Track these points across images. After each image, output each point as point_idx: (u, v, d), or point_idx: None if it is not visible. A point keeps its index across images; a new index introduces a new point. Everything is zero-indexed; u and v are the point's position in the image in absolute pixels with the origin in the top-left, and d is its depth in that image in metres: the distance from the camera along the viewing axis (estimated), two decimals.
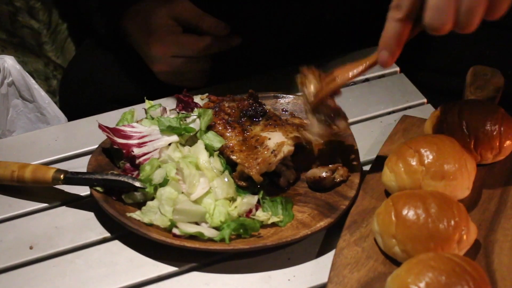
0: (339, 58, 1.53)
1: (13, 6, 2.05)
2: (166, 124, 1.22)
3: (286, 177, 1.21)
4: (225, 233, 1.10)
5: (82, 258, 1.14)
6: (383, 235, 1.05)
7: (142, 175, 1.16)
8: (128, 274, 1.11)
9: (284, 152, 1.18)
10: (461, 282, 0.92)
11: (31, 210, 1.22)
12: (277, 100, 1.36)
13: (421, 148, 1.12)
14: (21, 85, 1.50)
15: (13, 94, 1.51)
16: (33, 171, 1.20)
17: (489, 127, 1.17)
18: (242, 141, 1.22)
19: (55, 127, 1.45)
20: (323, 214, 1.14)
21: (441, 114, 1.21)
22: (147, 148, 1.20)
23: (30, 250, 1.15)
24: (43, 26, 2.10)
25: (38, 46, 2.10)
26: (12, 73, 1.48)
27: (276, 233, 1.12)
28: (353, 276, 1.04)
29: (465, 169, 1.11)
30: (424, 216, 1.02)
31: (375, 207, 1.12)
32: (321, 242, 1.14)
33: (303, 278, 1.09)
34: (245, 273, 1.10)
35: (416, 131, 1.29)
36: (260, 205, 1.17)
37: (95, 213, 1.20)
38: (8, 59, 1.49)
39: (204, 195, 1.14)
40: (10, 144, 1.38)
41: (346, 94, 1.44)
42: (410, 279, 0.94)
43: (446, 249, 1.01)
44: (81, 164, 1.28)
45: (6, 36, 2.03)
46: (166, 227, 1.12)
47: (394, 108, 1.41)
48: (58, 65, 2.02)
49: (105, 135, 1.21)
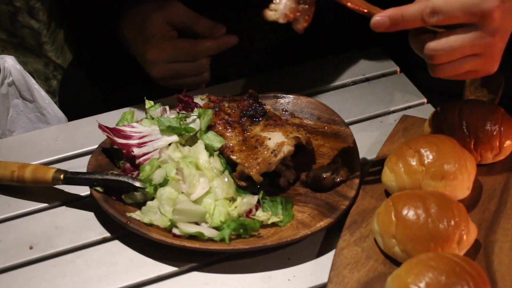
0: (337, 58, 1.53)
1: (13, 6, 2.05)
2: (166, 124, 1.22)
3: (286, 177, 1.21)
4: (225, 233, 1.10)
5: (82, 258, 1.14)
6: (383, 235, 1.05)
7: (142, 175, 1.16)
8: (128, 274, 1.11)
9: (284, 152, 1.18)
10: (461, 282, 0.92)
11: (31, 210, 1.22)
12: (277, 100, 1.36)
13: (421, 148, 1.12)
14: (21, 85, 1.50)
15: (13, 94, 1.51)
16: (33, 171, 1.20)
17: (489, 127, 1.17)
18: (242, 141, 1.22)
19: (55, 127, 1.45)
20: (323, 214, 1.14)
21: (441, 114, 1.21)
22: (147, 148, 1.20)
23: (30, 250, 1.15)
24: (43, 26, 2.10)
25: (38, 46, 2.10)
26: (13, 73, 1.48)
27: (276, 233, 1.12)
28: (353, 276, 1.04)
29: (465, 169, 1.11)
30: (424, 216, 1.02)
31: (375, 207, 1.12)
32: (321, 242, 1.14)
33: (303, 278, 1.09)
34: (245, 273, 1.10)
35: (416, 131, 1.29)
36: (260, 205, 1.17)
37: (95, 213, 1.20)
38: (9, 59, 1.49)
39: (204, 195, 1.14)
40: (10, 144, 1.38)
41: (346, 94, 1.44)
42: (410, 279, 0.94)
43: (446, 249, 1.01)
44: (81, 164, 1.28)
45: (6, 36, 2.03)
46: (166, 227, 1.12)
47: (394, 108, 1.41)
48: (58, 65, 2.03)
49: (105, 135, 1.21)
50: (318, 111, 1.34)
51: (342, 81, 1.48)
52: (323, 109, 1.33)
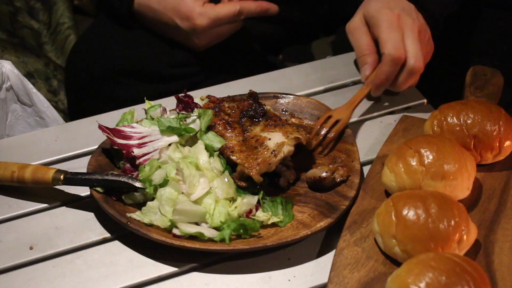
0: (337, 58, 1.54)
1: (13, 6, 2.05)
2: (166, 124, 1.22)
3: (286, 177, 1.21)
4: (225, 234, 1.10)
5: (82, 258, 1.14)
6: (383, 235, 1.05)
7: (141, 175, 1.16)
8: (128, 274, 1.11)
9: (284, 152, 1.18)
10: (461, 282, 0.92)
11: (31, 211, 1.22)
12: (277, 100, 1.36)
13: (421, 148, 1.12)
14: (19, 90, 1.50)
15: (11, 99, 1.51)
16: (33, 172, 1.20)
17: (489, 127, 1.17)
18: (242, 142, 1.22)
19: (55, 127, 1.45)
20: (323, 214, 1.14)
21: (441, 114, 1.21)
22: (147, 149, 1.20)
23: (30, 251, 1.15)
24: (43, 26, 2.10)
25: (38, 46, 2.10)
26: (11, 78, 1.47)
27: (276, 233, 1.12)
28: (353, 276, 1.04)
29: (465, 169, 1.11)
30: (424, 216, 1.02)
31: (375, 207, 1.12)
32: (321, 242, 1.14)
33: (303, 278, 1.09)
34: (245, 274, 1.11)
35: (416, 131, 1.29)
36: (260, 205, 1.17)
37: (95, 213, 1.20)
38: (6, 64, 1.48)
39: (204, 195, 1.14)
40: (10, 144, 1.38)
41: (346, 94, 1.44)
42: (410, 279, 0.94)
43: (446, 249, 1.01)
44: (81, 165, 1.28)
45: (6, 36, 2.03)
46: (166, 227, 1.12)
47: (394, 108, 1.41)
48: (58, 65, 2.03)
49: (105, 135, 1.21)
50: (318, 111, 1.34)
51: (342, 81, 1.48)
52: (323, 109, 1.33)
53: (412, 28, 1.31)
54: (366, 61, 1.34)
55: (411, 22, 1.31)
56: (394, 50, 1.29)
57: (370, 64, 1.34)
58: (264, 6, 1.56)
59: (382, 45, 1.30)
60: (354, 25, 1.37)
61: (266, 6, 1.56)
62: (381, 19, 1.31)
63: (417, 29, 1.31)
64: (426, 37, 1.34)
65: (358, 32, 1.36)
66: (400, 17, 1.31)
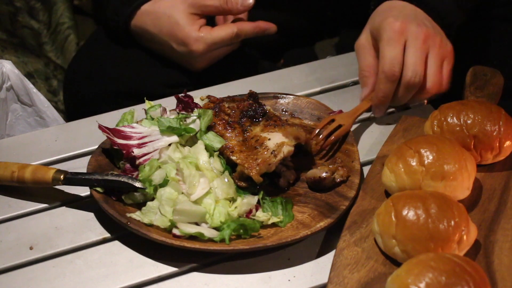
0: (337, 58, 1.54)
1: (13, 6, 2.05)
2: (166, 124, 1.22)
3: (286, 177, 1.21)
4: (225, 234, 1.10)
5: (82, 258, 1.14)
6: (383, 236, 1.05)
7: (140, 175, 1.16)
8: (128, 275, 1.11)
9: (284, 152, 1.18)
10: (461, 283, 0.92)
11: (31, 211, 1.22)
12: (277, 100, 1.36)
13: (421, 148, 1.12)
14: (19, 90, 1.49)
15: (12, 99, 1.51)
16: (33, 172, 1.20)
17: (489, 127, 1.17)
18: (242, 142, 1.22)
19: (55, 127, 1.45)
20: (323, 215, 1.14)
21: (441, 114, 1.21)
22: (147, 149, 1.20)
23: (30, 251, 1.15)
24: (43, 26, 2.10)
25: (38, 46, 2.09)
26: (11, 78, 1.47)
27: (276, 234, 1.12)
28: (353, 276, 1.04)
29: (465, 169, 1.11)
30: (424, 216, 1.02)
31: (375, 208, 1.12)
32: (321, 243, 1.14)
33: (303, 278, 1.09)
34: (245, 274, 1.10)
35: (416, 131, 1.29)
36: (260, 206, 1.17)
37: (95, 213, 1.20)
38: (7, 64, 1.48)
39: (204, 195, 1.14)
40: (10, 144, 1.38)
41: (347, 94, 1.44)
42: (410, 279, 0.94)
43: (446, 249, 1.01)
44: (81, 165, 1.28)
45: (6, 36, 2.02)
46: (166, 227, 1.12)
47: (394, 108, 1.41)
48: (58, 65, 2.02)
49: (105, 135, 1.21)
50: (318, 111, 1.34)
51: (342, 81, 1.48)
52: (323, 109, 1.34)
53: (416, 36, 1.27)
54: (365, 83, 1.34)
55: (415, 30, 1.27)
56: (388, 66, 1.27)
57: (369, 85, 1.33)
58: (262, 27, 1.52)
59: (379, 61, 1.29)
60: (359, 44, 1.35)
61: (264, 26, 1.52)
62: (383, 32, 1.28)
63: (422, 36, 1.27)
64: (437, 40, 1.29)
65: (362, 52, 1.34)
66: (404, 25, 1.28)
